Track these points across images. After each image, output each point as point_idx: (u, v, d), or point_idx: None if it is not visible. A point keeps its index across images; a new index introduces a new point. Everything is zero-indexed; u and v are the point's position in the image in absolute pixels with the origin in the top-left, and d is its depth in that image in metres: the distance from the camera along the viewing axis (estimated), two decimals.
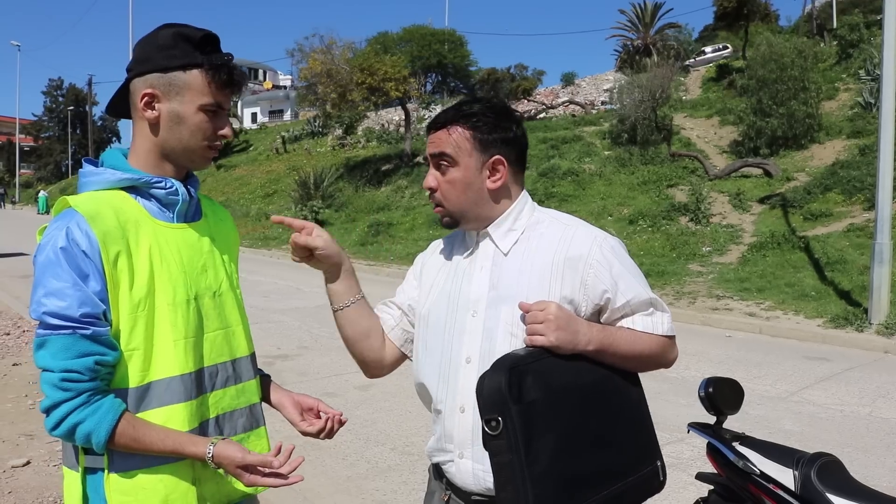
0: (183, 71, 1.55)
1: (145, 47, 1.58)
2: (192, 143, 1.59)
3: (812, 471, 2.00)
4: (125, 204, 1.54)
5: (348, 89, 23.86)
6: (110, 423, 1.44)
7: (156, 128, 1.57)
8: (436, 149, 1.69)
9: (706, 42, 39.98)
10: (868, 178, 13.76)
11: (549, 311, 1.54)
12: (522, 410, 1.43)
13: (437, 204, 1.71)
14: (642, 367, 1.69)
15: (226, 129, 1.63)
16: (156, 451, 1.48)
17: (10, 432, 5.17)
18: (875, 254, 9.08)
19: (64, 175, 65.76)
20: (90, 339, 1.43)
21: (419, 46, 39.61)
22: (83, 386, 1.43)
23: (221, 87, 1.58)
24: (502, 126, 1.68)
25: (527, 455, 1.41)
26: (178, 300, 1.55)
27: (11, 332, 8.61)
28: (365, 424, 5.40)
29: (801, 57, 18.55)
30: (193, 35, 1.57)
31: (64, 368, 1.41)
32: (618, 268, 1.63)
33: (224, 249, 1.74)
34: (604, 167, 20.19)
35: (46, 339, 1.43)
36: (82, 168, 1.62)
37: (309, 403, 1.80)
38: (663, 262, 13.20)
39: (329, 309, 1.85)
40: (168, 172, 1.61)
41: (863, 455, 4.89)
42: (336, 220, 22.21)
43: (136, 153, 1.61)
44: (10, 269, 15.04)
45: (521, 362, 1.48)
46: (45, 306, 1.42)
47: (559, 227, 1.69)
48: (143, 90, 1.55)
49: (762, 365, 7.46)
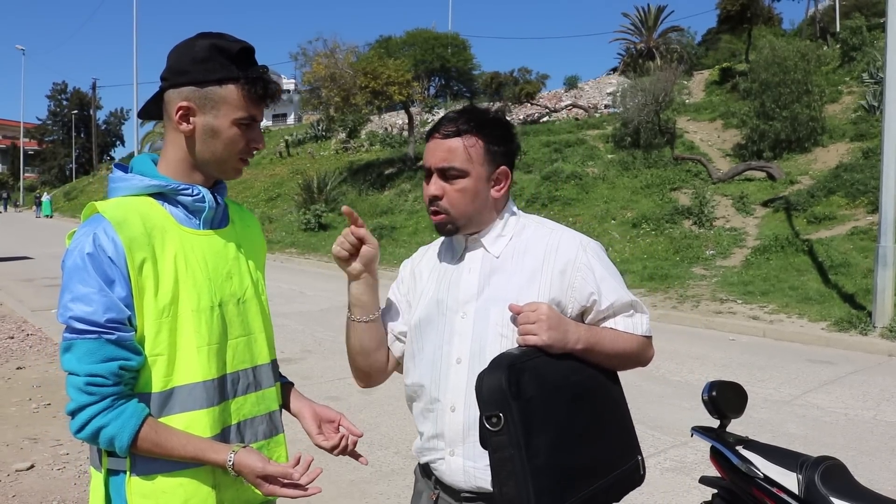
0: (219, 85, 1.55)
1: (181, 58, 1.58)
2: (225, 155, 1.61)
3: (816, 474, 2.00)
4: (152, 210, 1.55)
5: (352, 93, 23.88)
6: (133, 428, 1.46)
7: (190, 140, 1.58)
8: (445, 158, 1.70)
9: (710, 46, 40.00)
10: (872, 181, 13.73)
11: (540, 311, 1.60)
12: (522, 407, 1.48)
13: (441, 212, 1.72)
14: (622, 366, 1.77)
15: (259, 141, 1.64)
16: (177, 456, 1.50)
17: (15, 436, 5.18)
18: (879, 257, 9.06)
19: (68, 179, 65.91)
20: (115, 343, 1.45)
21: (422, 50, 39.62)
22: (107, 390, 1.45)
23: (256, 101, 1.59)
24: (508, 138, 1.75)
25: (527, 449, 1.47)
26: (203, 307, 1.56)
27: (15, 336, 8.63)
28: (369, 428, 5.40)
29: (805, 60, 18.53)
30: (230, 48, 1.57)
31: (89, 373, 1.43)
32: (601, 271, 1.71)
33: (250, 256, 1.74)
34: (607, 170, 20.18)
35: (72, 343, 1.45)
36: (112, 173, 1.63)
37: (329, 416, 1.81)
38: (666, 265, 13.19)
39: (332, 313, 1.87)
40: (197, 181, 1.62)
41: (867, 459, 4.88)
42: (339, 223, 22.22)
43: (166, 161, 1.62)
44: (14, 273, 15.07)
45: (518, 361, 1.53)
46: (72, 311, 1.44)
47: (545, 231, 1.76)
48: (179, 103, 1.56)
49: (766, 368, 7.45)
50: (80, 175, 63.53)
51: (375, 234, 19.24)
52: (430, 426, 1.75)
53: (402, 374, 1.89)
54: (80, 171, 65.62)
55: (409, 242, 18.45)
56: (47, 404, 5.90)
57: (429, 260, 1.88)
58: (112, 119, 75.40)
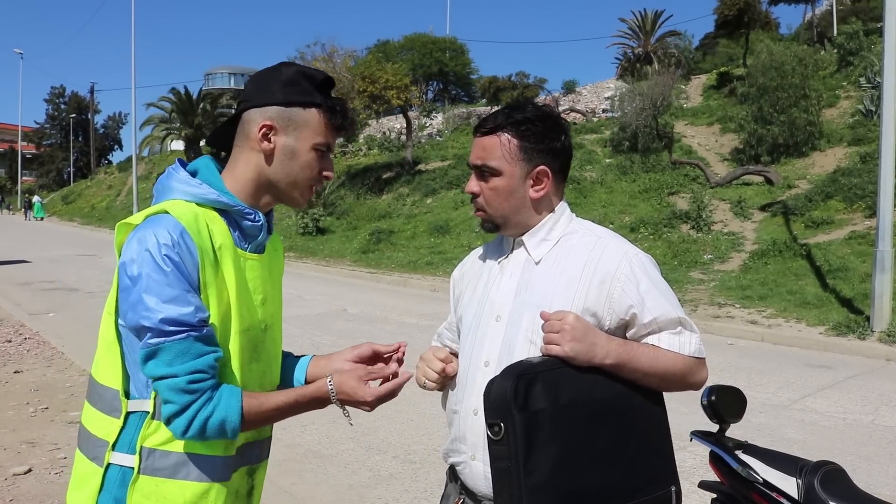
0: (303, 108, 1.58)
1: (267, 81, 1.61)
2: (300, 178, 1.62)
3: (815, 479, 1.99)
4: (216, 226, 1.55)
5: (350, 97, 23.89)
6: (238, 405, 1.48)
7: (269, 159, 1.59)
8: (480, 156, 1.69)
9: (707, 50, 40.06)
10: (869, 185, 13.75)
11: (566, 321, 1.53)
12: (526, 419, 1.43)
13: (479, 209, 1.73)
14: (666, 387, 1.64)
15: (330, 170, 1.66)
16: (284, 408, 1.56)
17: (12, 440, 5.17)
18: (877, 261, 9.07)
19: (66, 182, 65.89)
20: (203, 339, 1.46)
21: (420, 54, 39.75)
22: (208, 384, 1.46)
23: (335, 130, 1.63)
24: (550, 136, 1.68)
25: (525, 464, 1.42)
26: (240, 329, 1.57)
27: (13, 340, 8.61)
28: (367, 433, 5.38)
29: (802, 65, 18.57)
30: (316, 75, 1.62)
31: (190, 370, 1.43)
32: (646, 284, 1.61)
33: (277, 282, 1.77)
34: (605, 175, 20.21)
35: (160, 347, 1.43)
36: (176, 171, 1.60)
37: (362, 352, 1.79)
38: (665, 269, 13.11)
39: (329, 317, 1.89)
40: (261, 203, 1.63)
41: (866, 463, 4.88)
42: (337, 227, 22.24)
43: (235, 178, 1.62)
44: (11, 277, 15.04)
45: (532, 370, 1.48)
46: (163, 313, 1.42)
47: (591, 238, 1.68)
48: (262, 122, 1.57)
49: (764, 373, 7.45)
50: (77, 179, 63.50)
51: (373, 237, 19.28)
52: (455, 429, 1.73)
53: None
54: (78, 174, 65.55)
55: (407, 246, 18.46)
56: (45, 408, 5.88)
57: (478, 261, 1.86)
58: (110, 123, 75.42)
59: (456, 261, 15.44)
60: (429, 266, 16.04)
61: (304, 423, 5.41)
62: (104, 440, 1.54)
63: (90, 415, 1.60)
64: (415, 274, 15.58)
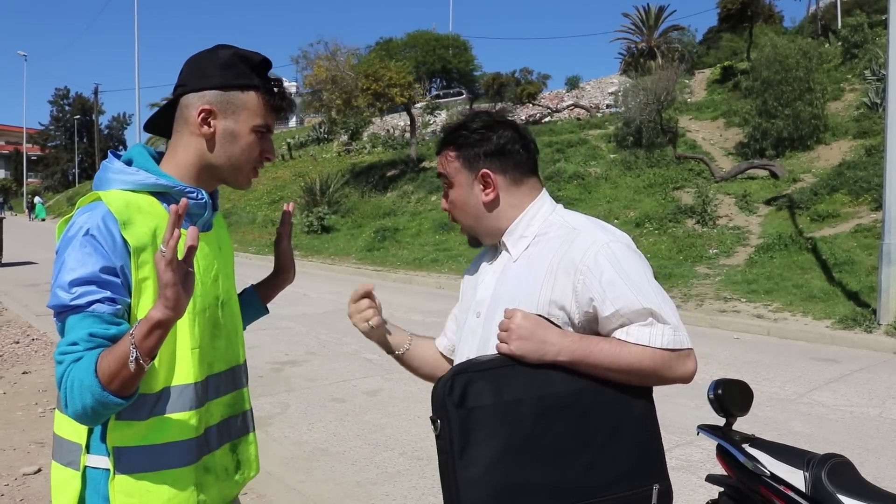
0: (241, 91, 1.60)
1: (203, 64, 1.61)
2: (241, 161, 1.64)
3: (823, 472, 1.99)
4: (154, 209, 1.55)
5: (353, 95, 23.93)
6: (91, 362, 1.36)
7: (210, 143, 1.60)
8: (439, 174, 1.78)
9: (711, 44, 39.95)
10: (875, 178, 13.71)
11: (513, 319, 1.52)
12: (462, 415, 1.47)
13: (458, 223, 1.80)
14: (640, 382, 1.55)
15: (271, 152, 1.68)
16: (124, 349, 1.33)
17: (22, 440, 5.19)
18: (883, 254, 9.05)
19: (71, 184, 66.06)
20: (97, 317, 1.42)
21: (424, 52, 39.70)
22: (75, 355, 1.38)
23: (274, 111, 1.65)
24: (485, 138, 1.70)
25: (460, 458, 1.46)
26: (197, 309, 1.57)
27: (21, 341, 8.64)
28: (374, 430, 5.40)
29: (806, 58, 18.49)
30: (252, 57, 1.62)
31: (68, 342, 1.40)
32: (609, 275, 1.53)
33: (227, 257, 1.78)
34: (609, 170, 20.18)
35: (64, 323, 1.44)
36: (109, 162, 1.60)
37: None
38: (670, 264, 13.18)
39: (336, 315, 1.92)
40: (203, 186, 1.64)
41: (873, 456, 4.88)
42: (342, 225, 22.25)
43: (175, 162, 1.62)
44: (18, 278, 15.10)
45: (473, 368, 1.52)
46: (71, 285, 1.41)
47: (566, 230, 1.65)
48: (201, 106, 1.58)
49: (771, 367, 7.44)
50: (83, 180, 63.64)
51: (378, 235, 19.29)
52: None
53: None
54: (83, 175, 65.67)
55: (412, 244, 18.46)
56: (53, 408, 5.90)
57: (478, 261, 1.89)
58: (114, 124, 75.59)
59: (461, 258, 15.49)
60: (434, 263, 16.05)
61: (312, 421, 5.42)
62: (77, 443, 1.54)
63: (61, 421, 1.59)
64: (420, 271, 15.58)
